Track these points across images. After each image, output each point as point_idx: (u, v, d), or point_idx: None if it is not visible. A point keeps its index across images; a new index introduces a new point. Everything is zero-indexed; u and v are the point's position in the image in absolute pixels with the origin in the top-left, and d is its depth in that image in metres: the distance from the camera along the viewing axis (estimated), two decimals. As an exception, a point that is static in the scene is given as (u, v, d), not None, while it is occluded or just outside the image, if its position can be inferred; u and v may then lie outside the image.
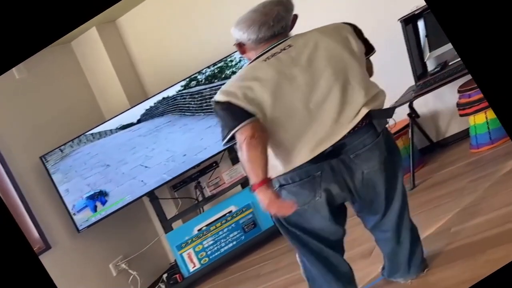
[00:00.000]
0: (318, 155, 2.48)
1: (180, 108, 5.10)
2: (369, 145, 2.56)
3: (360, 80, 2.53)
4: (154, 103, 5.09)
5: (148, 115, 5.08)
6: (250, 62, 2.63)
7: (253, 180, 2.39)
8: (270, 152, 2.48)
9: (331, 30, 2.61)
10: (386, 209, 2.80)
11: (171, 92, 5.08)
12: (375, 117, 2.54)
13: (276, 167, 2.50)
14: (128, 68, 5.66)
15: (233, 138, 2.49)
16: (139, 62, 5.69)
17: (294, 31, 2.74)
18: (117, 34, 5.67)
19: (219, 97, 2.51)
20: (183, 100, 5.11)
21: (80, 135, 4.96)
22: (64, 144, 4.89)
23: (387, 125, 2.70)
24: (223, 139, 2.51)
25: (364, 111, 2.50)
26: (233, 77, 2.62)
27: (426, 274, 2.97)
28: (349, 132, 2.50)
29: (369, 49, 2.70)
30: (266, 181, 2.39)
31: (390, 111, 2.70)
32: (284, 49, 2.53)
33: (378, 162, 2.62)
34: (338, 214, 2.76)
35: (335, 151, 2.51)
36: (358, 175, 2.59)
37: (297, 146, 2.47)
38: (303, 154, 2.48)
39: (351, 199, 2.73)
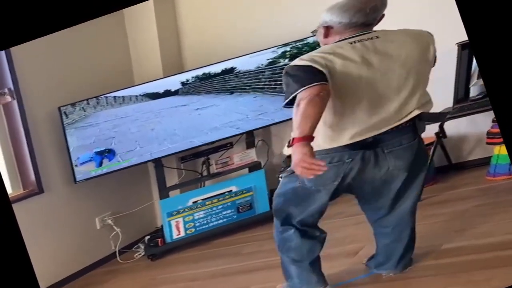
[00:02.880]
0: (357, 142, 2.70)
1: (213, 87, 5.29)
2: (405, 145, 2.79)
3: (423, 85, 2.80)
4: (188, 79, 5.26)
5: (179, 90, 5.25)
6: (336, 42, 2.80)
7: (298, 133, 2.51)
8: (329, 124, 2.71)
9: (417, 35, 2.83)
10: (391, 208, 3.03)
11: (209, 70, 5.24)
12: (423, 119, 2.81)
13: (317, 139, 2.63)
14: (172, 40, 5.85)
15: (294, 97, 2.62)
16: (185, 35, 5.87)
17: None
18: (172, 6, 5.86)
19: (299, 61, 2.67)
20: (218, 79, 5.28)
21: (106, 94, 5.14)
22: (86, 100, 5.07)
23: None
24: (290, 95, 2.61)
25: (416, 112, 2.74)
26: (315, 50, 2.80)
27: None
28: (392, 129, 2.72)
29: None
30: (309, 138, 2.51)
31: (442, 116, 3.02)
32: (372, 38, 2.73)
33: (405, 163, 2.84)
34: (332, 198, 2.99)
35: (373, 143, 2.74)
36: (383, 170, 2.82)
37: (345, 126, 2.69)
38: (344, 139, 2.70)
39: (358, 191, 2.99)
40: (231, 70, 5.22)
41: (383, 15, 2.88)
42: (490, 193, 4.16)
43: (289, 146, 2.56)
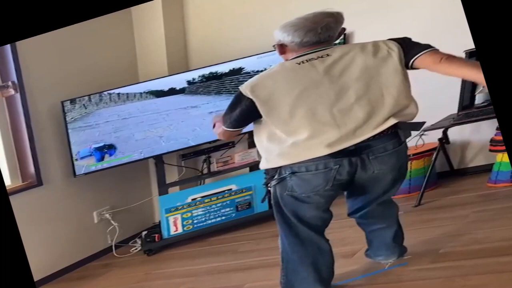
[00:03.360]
0: (339, 151, 2.79)
1: (216, 88, 5.32)
2: (390, 151, 2.88)
3: (395, 93, 2.81)
4: (194, 78, 5.29)
5: (186, 89, 5.29)
6: (285, 61, 2.94)
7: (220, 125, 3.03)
8: (287, 140, 2.82)
9: (372, 46, 2.87)
10: (375, 200, 3.13)
11: (216, 69, 5.29)
12: (402, 128, 2.86)
13: (292, 155, 2.81)
14: (178, 39, 5.90)
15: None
16: (192, 35, 5.93)
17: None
18: (180, 6, 5.91)
19: (245, 90, 2.85)
20: (219, 80, 5.31)
21: (110, 90, 5.19)
22: (88, 95, 5.11)
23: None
24: (223, 124, 3.03)
25: (391, 122, 2.81)
26: (263, 72, 2.97)
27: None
28: (374, 137, 2.81)
29: (419, 50, 2.84)
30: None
31: (418, 125, 3.00)
32: (322, 56, 2.83)
33: (390, 167, 2.93)
34: (331, 201, 3.06)
35: (358, 150, 2.82)
36: (368, 173, 2.91)
37: (316, 142, 2.78)
38: (321, 149, 2.78)
39: (348, 188, 3.07)
40: (238, 71, 5.25)
41: (344, 29, 2.98)
42: (490, 200, 4.19)
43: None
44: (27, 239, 4.37)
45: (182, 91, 5.28)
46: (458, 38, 4.57)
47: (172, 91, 5.27)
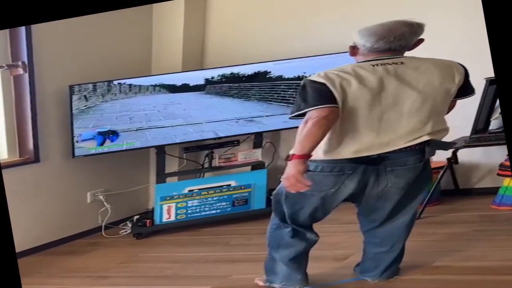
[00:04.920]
0: (360, 157, 2.86)
1: (238, 91, 5.39)
2: (409, 166, 2.93)
3: (438, 114, 2.93)
4: (213, 76, 5.33)
5: (202, 87, 5.34)
6: (359, 62, 3.00)
7: (298, 151, 2.77)
8: (331, 139, 2.87)
9: (443, 65, 2.96)
10: (385, 221, 3.15)
11: (238, 70, 5.34)
12: (432, 146, 2.93)
13: (318, 151, 2.86)
14: (197, 36, 5.94)
15: (301, 114, 2.86)
16: (211, 35, 5.98)
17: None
18: (203, 5, 5.96)
19: (316, 77, 2.86)
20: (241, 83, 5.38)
21: (121, 79, 5.24)
22: (96, 83, 5.15)
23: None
24: (296, 111, 2.87)
25: (426, 138, 2.88)
26: (336, 67, 2.95)
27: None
28: (400, 149, 2.86)
29: (466, 92, 3.01)
30: (306, 157, 2.77)
31: (446, 145, 3.10)
32: (396, 63, 2.90)
33: (404, 181, 2.98)
34: (332, 208, 3.13)
35: (377, 160, 2.89)
36: (381, 186, 2.97)
37: (349, 143, 2.86)
38: (349, 153, 2.86)
39: (358, 201, 3.11)
40: (263, 74, 5.31)
41: (421, 40, 3.02)
42: (492, 221, 4.23)
43: (287, 160, 2.81)
44: (18, 210, 4.51)
45: (199, 88, 5.33)
46: (482, 64, 4.77)
47: (186, 87, 5.32)
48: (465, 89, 3.00)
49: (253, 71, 5.31)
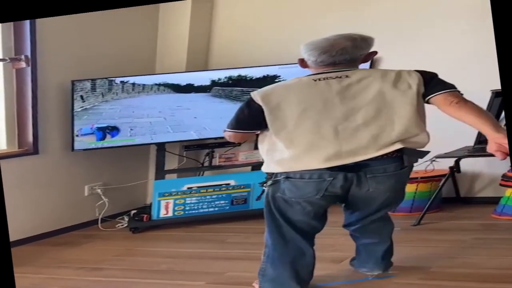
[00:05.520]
0: (336, 166, 2.91)
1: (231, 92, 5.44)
2: (390, 173, 2.98)
3: (406, 121, 2.92)
4: (220, 78, 5.39)
5: (207, 88, 5.40)
6: (305, 76, 3.10)
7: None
8: (286, 151, 2.95)
9: (395, 75, 2.99)
10: (370, 217, 3.23)
11: (245, 72, 5.40)
12: (406, 154, 2.96)
13: (290, 163, 2.96)
14: (202, 37, 5.99)
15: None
16: (217, 37, 6.04)
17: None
18: (210, 7, 6.01)
19: (256, 96, 3.02)
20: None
21: (125, 77, 5.28)
22: (99, 79, 5.19)
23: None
24: (227, 127, 3.16)
25: (397, 146, 2.92)
26: (278, 83, 3.20)
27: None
28: (376, 158, 2.92)
29: (441, 88, 2.97)
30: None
31: (422, 154, 3.07)
32: (340, 77, 2.98)
33: (387, 188, 3.04)
34: (323, 210, 3.18)
35: (356, 167, 2.94)
36: (364, 189, 3.01)
37: (314, 155, 2.92)
38: (317, 163, 2.92)
39: (343, 201, 3.18)
40: (272, 78, 5.34)
41: (372, 52, 3.11)
42: (492, 230, 4.26)
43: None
44: (15, 200, 4.57)
45: (204, 89, 5.36)
46: (489, 76, 4.82)
47: (190, 88, 5.36)
48: (436, 86, 2.96)
49: (260, 74, 5.35)
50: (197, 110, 5.37)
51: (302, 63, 3.14)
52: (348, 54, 3.01)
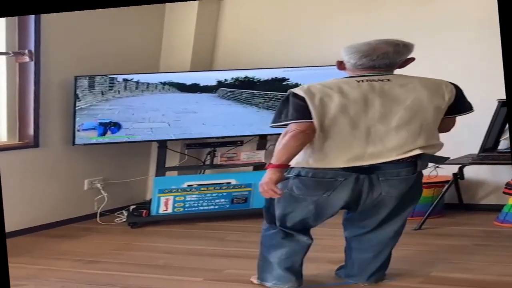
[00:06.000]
0: (352, 166, 2.98)
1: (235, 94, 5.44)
2: (402, 177, 3.05)
3: (429, 129, 3.04)
4: (226, 79, 5.39)
5: (213, 88, 5.39)
6: (345, 77, 3.16)
7: (274, 160, 2.98)
8: (317, 146, 3.00)
9: (431, 84, 3.08)
10: (374, 229, 3.24)
11: (253, 74, 5.40)
12: (423, 159, 3.04)
13: (308, 159, 3.02)
14: (208, 38, 6.00)
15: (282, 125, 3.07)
16: (222, 38, 6.05)
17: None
18: (216, 8, 6.02)
19: (298, 90, 3.03)
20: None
21: (129, 74, 5.30)
22: (98, 75, 5.19)
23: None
24: (276, 122, 3.08)
25: (417, 152, 3.00)
26: (322, 81, 3.12)
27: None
28: (392, 161, 2.99)
29: (461, 109, 3.12)
30: (281, 166, 2.97)
31: (441, 159, 3.19)
32: (382, 80, 3.05)
33: (398, 192, 3.09)
34: (328, 213, 3.19)
35: (370, 169, 3.00)
36: (375, 194, 3.07)
37: (341, 154, 2.99)
38: (340, 162, 2.99)
39: (353, 208, 3.18)
40: (281, 80, 5.34)
41: (410, 59, 3.15)
42: (494, 237, 4.29)
43: (264, 168, 3.09)
44: (14, 191, 4.62)
45: (210, 89, 5.37)
46: (497, 86, 4.86)
47: (196, 87, 5.36)
48: (459, 106, 3.10)
49: (268, 76, 5.36)
50: (204, 113, 5.37)
51: (340, 65, 3.18)
52: (388, 59, 3.07)
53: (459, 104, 3.09)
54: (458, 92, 3.09)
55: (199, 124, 5.36)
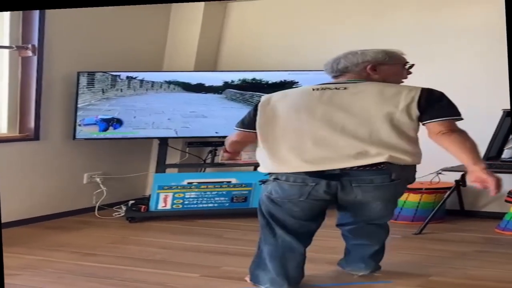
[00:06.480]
0: (319, 172, 3.04)
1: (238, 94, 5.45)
2: (377, 184, 3.06)
3: (386, 137, 2.99)
4: (233, 80, 5.39)
5: (219, 89, 5.40)
6: (308, 86, 3.30)
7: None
8: (271, 152, 3.12)
9: (389, 91, 3.07)
10: (363, 223, 3.34)
11: (261, 76, 5.41)
12: (392, 170, 3.02)
13: (278, 165, 3.12)
14: (212, 39, 6.02)
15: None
16: (227, 40, 6.08)
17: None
18: (223, 11, 6.05)
19: (262, 98, 3.29)
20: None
21: (133, 72, 5.31)
22: (99, 72, 5.19)
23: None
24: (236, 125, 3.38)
25: (378, 159, 2.99)
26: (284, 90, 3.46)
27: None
28: (362, 168, 3.01)
29: (433, 115, 3.00)
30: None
31: (410, 177, 3.15)
32: (337, 88, 3.14)
33: (376, 197, 3.14)
34: (314, 213, 3.23)
35: (340, 175, 3.04)
36: (351, 197, 3.12)
37: (296, 158, 3.06)
38: (299, 165, 3.05)
39: (335, 203, 3.25)
40: (290, 84, 5.33)
41: (371, 66, 3.17)
42: (494, 244, 4.29)
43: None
44: (12, 182, 4.68)
45: (216, 90, 5.37)
46: (499, 96, 4.88)
47: (201, 87, 5.36)
48: (430, 113, 3.00)
49: (277, 79, 5.36)
50: (213, 119, 5.37)
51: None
52: (342, 64, 3.19)
53: (432, 110, 3.00)
54: (427, 97, 3.02)
55: (207, 127, 5.39)
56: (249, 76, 5.38)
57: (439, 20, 5.26)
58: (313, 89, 3.16)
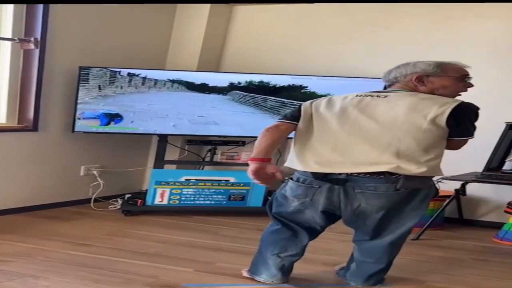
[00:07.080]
0: (322, 174, 3.11)
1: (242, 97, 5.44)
2: (380, 192, 3.07)
3: (403, 147, 3.01)
4: (240, 82, 5.37)
5: (224, 89, 5.39)
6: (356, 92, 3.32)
7: (253, 153, 3.15)
8: (300, 150, 3.20)
9: (423, 102, 3.06)
10: (371, 238, 3.27)
11: (268, 79, 5.39)
12: (398, 179, 3.02)
13: (296, 163, 3.21)
14: (217, 41, 6.02)
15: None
16: (232, 41, 6.09)
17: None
18: (228, 13, 6.05)
19: (305, 102, 3.33)
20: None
21: (135, 69, 5.29)
22: (107, 68, 5.18)
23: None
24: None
25: (382, 169, 3.02)
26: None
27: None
28: (369, 174, 3.03)
29: (457, 133, 3.08)
30: (255, 160, 3.11)
31: (423, 188, 3.11)
32: (378, 96, 3.19)
33: (380, 204, 3.10)
34: (323, 216, 3.26)
35: (345, 180, 3.08)
36: (355, 204, 3.12)
37: (313, 159, 3.14)
38: (310, 165, 3.15)
39: (335, 215, 3.26)
40: (298, 88, 5.33)
41: (418, 77, 3.16)
42: (492, 252, 4.30)
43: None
44: (9, 171, 4.72)
45: (220, 90, 5.36)
46: (503, 109, 4.99)
47: (204, 87, 5.35)
48: (456, 130, 3.05)
49: (286, 83, 5.35)
50: (228, 128, 5.38)
51: None
52: (392, 73, 3.23)
53: (457, 128, 3.04)
54: (460, 114, 3.03)
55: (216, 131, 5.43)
56: (256, 78, 5.38)
57: (445, 33, 5.26)
58: (357, 95, 3.21)
